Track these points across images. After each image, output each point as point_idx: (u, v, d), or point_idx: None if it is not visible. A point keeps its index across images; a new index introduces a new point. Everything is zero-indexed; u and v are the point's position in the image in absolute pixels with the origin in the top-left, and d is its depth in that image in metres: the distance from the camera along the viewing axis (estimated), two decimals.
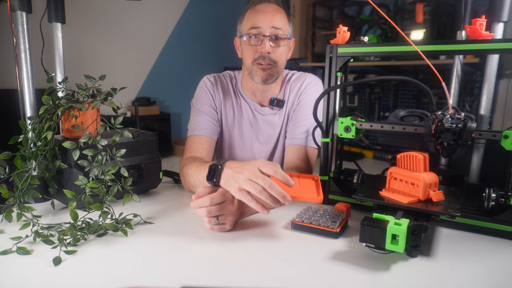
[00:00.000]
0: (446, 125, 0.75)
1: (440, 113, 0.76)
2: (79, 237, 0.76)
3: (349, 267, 0.67)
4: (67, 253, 0.71)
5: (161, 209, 0.98)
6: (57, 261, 0.67)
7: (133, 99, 4.39)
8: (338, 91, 0.95)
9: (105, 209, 0.82)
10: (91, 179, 0.84)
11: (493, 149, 0.91)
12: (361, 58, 3.86)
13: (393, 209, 0.75)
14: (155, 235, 0.81)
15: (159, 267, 0.67)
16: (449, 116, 0.75)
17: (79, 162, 0.86)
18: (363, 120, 0.94)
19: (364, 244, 0.69)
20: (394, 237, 0.66)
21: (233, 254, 0.73)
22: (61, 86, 0.96)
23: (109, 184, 0.85)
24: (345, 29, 0.94)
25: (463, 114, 0.75)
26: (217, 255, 0.73)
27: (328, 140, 0.97)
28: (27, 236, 0.76)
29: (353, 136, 0.91)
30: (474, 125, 0.74)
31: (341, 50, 0.93)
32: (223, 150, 1.35)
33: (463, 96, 1.16)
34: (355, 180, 0.96)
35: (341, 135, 0.92)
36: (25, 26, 1.02)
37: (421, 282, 0.63)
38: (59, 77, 1.16)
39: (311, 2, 4.55)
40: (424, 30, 3.61)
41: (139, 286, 0.61)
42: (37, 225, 0.80)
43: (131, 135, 0.91)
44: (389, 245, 0.66)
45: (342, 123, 0.92)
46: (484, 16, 0.80)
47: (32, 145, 0.88)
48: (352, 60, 0.96)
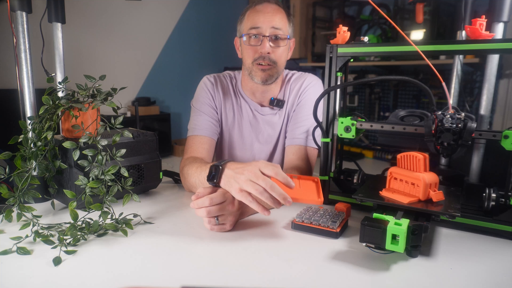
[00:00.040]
0: (446, 125, 0.75)
1: (440, 113, 0.76)
2: (79, 237, 0.76)
3: (349, 267, 0.67)
4: (67, 253, 0.71)
5: (161, 209, 0.98)
6: (57, 261, 0.67)
7: (133, 99, 4.39)
8: (338, 91, 0.95)
9: (105, 209, 0.82)
10: (91, 179, 0.84)
11: (493, 149, 0.91)
12: (361, 58, 3.86)
13: (393, 209, 0.75)
14: (155, 235, 0.81)
15: (159, 267, 0.67)
16: (449, 116, 0.75)
17: (79, 162, 0.86)
18: (363, 120, 0.94)
19: (364, 244, 0.69)
20: (394, 237, 0.66)
21: (233, 254, 0.73)
22: (61, 86, 0.96)
23: (109, 184, 0.85)
24: (345, 29, 0.94)
25: (463, 114, 0.75)
26: (217, 255, 0.73)
27: (328, 140, 0.97)
28: (27, 236, 0.76)
29: (353, 136, 0.91)
30: (474, 125, 0.74)
31: (341, 50, 0.93)
32: (223, 150, 1.35)
33: (463, 96, 1.16)
34: (355, 180, 0.96)
35: (341, 135, 0.92)
36: (25, 26, 1.02)
37: (421, 282, 0.63)
38: (59, 77, 1.16)
39: (311, 2, 4.55)
40: (424, 30, 3.61)
41: (139, 286, 0.61)
42: (37, 225, 0.80)
43: (131, 135, 0.91)
44: (389, 245, 0.66)
45: (342, 123, 0.92)
46: (484, 16, 0.80)
47: (32, 145, 0.88)
48: (352, 60, 0.96)
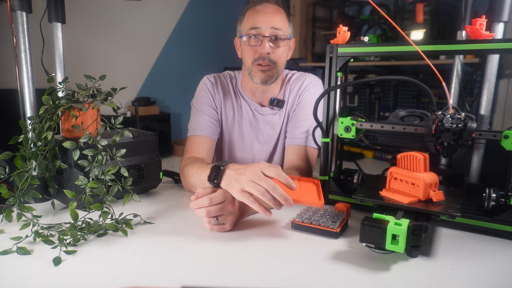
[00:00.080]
0: (446, 125, 0.75)
1: (440, 113, 0.76)
2: (79, 237, 0.76)
3: (349, 267, 0.67)
4: (67, 253, 0.71)
5: (161, 209, 0.98)
6: (57, 261, 0.67)
7: (133, 99, 4.39)
8: (338, 91, 0.95)
9: (105, 209, 0.82)
10: (91, 179, 0.84)
11: (493, 149, 0.91)
12: (361, 58, 3.86)
13: (393, 209, 0.75)
14: (155, 235, 0.81)
15: (159, 267, 0.67)
16: (449, 116, 0.75)
17: (79, 162, 0.86)
18: (363, 120, 0.94)
19: (364, 244, 0.69)
20: (394, 237, 0.66)
21: (233, 254, 0.73)
22: (61, 86, 0.96)
23: (109, 184, 0.85)
24: (345, 29, 0.93)
25: (463, 114, 0.75)
26: (217, 255, 0.73)
27: (328, 140, 0.97)
28: (27, 236, 0.76)
29: (353, 136, 0.91)
30: (474, 125, 0.74)
31: (341, 50, 0.93)
32: (223, 150, 1.35)
33: (463, 96, 1.16)
34: (355, 180, 0.96)
35: (341, 135, 0.92)
36: (25, 26, 1.02)
37: (421, 282, 0.63)
38: (59, 77, 1.16)
39: (311, 2, 4.55)
40: (424, 30, 3.61)
41: (139, 286, 0.61)
42: (37, 225, 0.80)
43: (131, 135, 0.91)
44: (389, 245, 0.66)
45: (342, 123, 0.92)
46: (484, 16, 0.80)
47: (32, 145, 0.88)
48: (352, 60, 0.96)
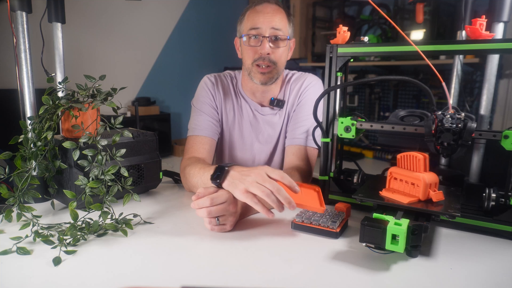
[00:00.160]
0: (446, 125, 0.75)
1: (440, 113, 0.76)
2: (79, 237, 0.76)
3: (349, 267, 0.67)
4: (67, 253, 0.71)
5: (161, 209, 0.98)
6: (57, 261, 0.67)
7: (133, 99, 4.39)
8: (338, 91, 0.95)
9: (105, 209, 0.82)
10: (91, 179, 0.84)
11: (493, 149, 0.91)
12: (361, 58, 3.85)
13: (393, 209, 0.75)
14: (155, 235, 0.81)
15: (159, 267, 0.67)
16: (449, 116, 0.75)
17: (79, 162, 0.86)
18: (363, 120, 0.94)
19: (364, 244, 0.69)
20: (394, 237, 0.66)
21: (233, 254, 0.73)
22: (61, 86, 0.96)
23: (109, 184, 0.85)
24: (345, 29, 0.94)
25: (463, 114, 0.75)
26: (217, 255, 0.73)
27: (328, 140, 0.97)
28: (27, 236, 0.76)
29: (353, 136, 0.91)
30: (474, 125, 0.74)
31: (341, 50, 0.93)
32: (223, 150, 1.35)
33: (463, 96, 1.16)
34: (355, 180, 0.96)
35: (341, 135, 0.92)
36: (25, 26, 1.02)
37: (421, 282, 0.63)
38: (59, 77, 1.16)
39: (311, 2, 4.55)
40: (424, 30, 3.61)
41: (139, 286, 0.61)
42: (37, 225, 0.80)
43: (131, 135, 0.91)
44: (389, 245, 0.66)
45: (342, 123, 0.92)
46: (484, 16, 0.80)
47: (32, 145, 0.88)
48: (352, 60, 0.96)
